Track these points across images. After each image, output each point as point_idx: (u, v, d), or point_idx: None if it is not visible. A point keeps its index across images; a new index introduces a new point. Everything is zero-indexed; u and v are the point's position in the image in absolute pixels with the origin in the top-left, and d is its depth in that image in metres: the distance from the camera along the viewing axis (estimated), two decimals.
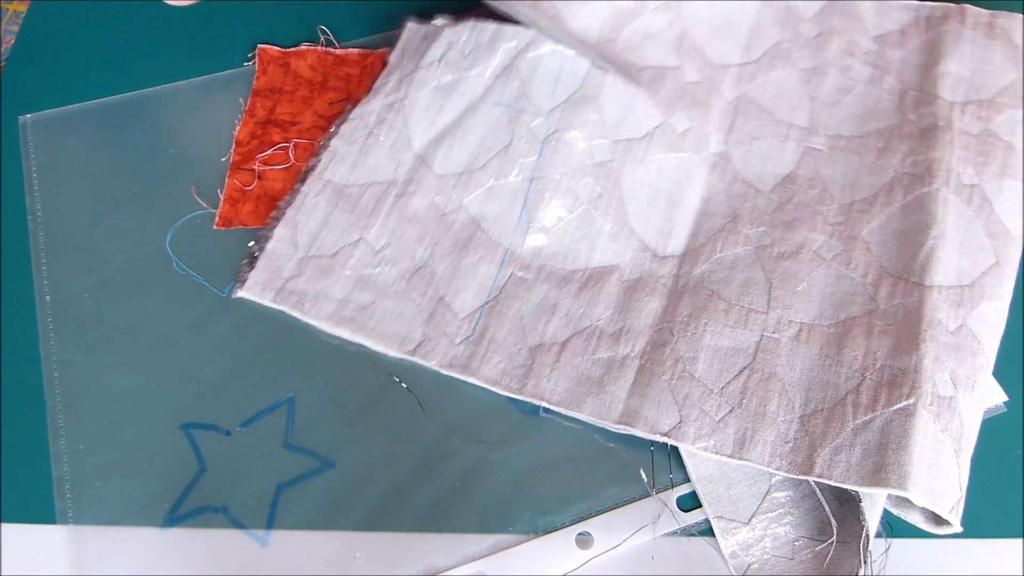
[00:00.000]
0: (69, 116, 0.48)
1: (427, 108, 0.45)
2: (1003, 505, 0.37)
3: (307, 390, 0.40)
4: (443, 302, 0.41)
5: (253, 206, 0.44)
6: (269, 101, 0.48)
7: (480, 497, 0.38)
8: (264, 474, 0.38)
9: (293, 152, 0.46)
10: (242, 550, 0.37)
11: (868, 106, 0.45)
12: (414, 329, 0.40)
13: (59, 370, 0.41)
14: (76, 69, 0.51)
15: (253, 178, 0.45)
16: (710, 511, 0.37)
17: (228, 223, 0.44)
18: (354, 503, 0.38)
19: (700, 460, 0.37)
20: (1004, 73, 0.44)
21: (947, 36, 0.46)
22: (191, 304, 0.42)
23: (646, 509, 0.37)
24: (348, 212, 0.43)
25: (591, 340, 0.39)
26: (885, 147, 0.43)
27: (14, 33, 0.52)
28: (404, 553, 0.37)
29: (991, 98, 0.43)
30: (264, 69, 0.49)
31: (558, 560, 0.36)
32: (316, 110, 0.48)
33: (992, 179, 0.41)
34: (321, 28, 0.50)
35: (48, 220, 0.45)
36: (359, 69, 0.49)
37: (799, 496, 0.37)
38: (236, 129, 0.47)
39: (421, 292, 0.41)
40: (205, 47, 0.51)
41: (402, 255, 0.42)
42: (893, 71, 0.45)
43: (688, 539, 0.37)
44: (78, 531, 0.37)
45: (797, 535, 0.36)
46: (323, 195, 0.43)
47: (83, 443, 0.39)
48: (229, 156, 0.46)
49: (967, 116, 0.43)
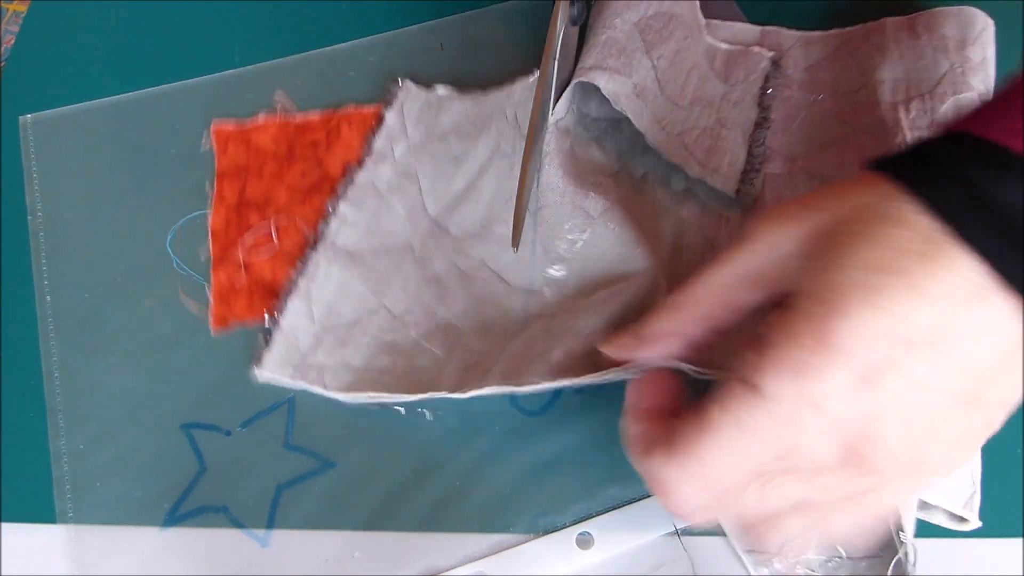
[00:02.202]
0: (69, 116, 0.48)
1: (441, 178, 0.44)
2: (1003, 505, 0.37)
3: (307, 390, 0.40)
4: (463, 346, 0.40)
5: (247, 300, 0.42)
6: (236, 183, 0.45)
7: (480, 497, 0.38)
8: (264, 474, 0.38)
9: (276, 234, 0.44)
10: (242, 550, 0.37)
11: (815, 127, 0.45)
12: (433, 374, 0.39)
13: (59, 370, 0.41)
14: (76, 69, 0.50)
15: (240, 270, 0.43)
16: (740, 547, 0.36)
17: (224, 322, 0.42)
18: (354, 503, 0.38)
19: None
20: (937, 64, 0.44)
21: (873, 50, 0.46)
22: (191, 304, 0.42)
23: (647, 509, 0.37)
24: (364, 279, 0.42)
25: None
26: (841, 160, 0.43)
27: (14, 33, 0.52)
28: (404, 553, 0.37)
29: (930, 90, 0.43)
30: (223, 149, 0.46)
31: (559, 560, 0.36)
32: (289, 184, 0.45)
33: None
34: (278, 94, 0.48)
35: (49, 220, 0.45)
36: (324, 134, 0.47)
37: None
38: (208, 219, 0.44)
39: (442, 343, 0.40)
40: (205, 47, 0.51)
41: (423, 318, 0.41)
42: (829, 92, 0.46)
43: (689, 539, 0.37)
44: (78, 531, 0.37)
45: (829, 555, 0.36)
46: (336, 262, 0.42)
47: (83, 443, 0.39)
48: (208, 250, 0.43)
49: (912, 113, 0.43)
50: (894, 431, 0.25)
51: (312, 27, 0.51)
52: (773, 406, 0.25)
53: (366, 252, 0.42)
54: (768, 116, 0.44)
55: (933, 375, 0.25)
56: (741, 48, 0.47)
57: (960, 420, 0.26)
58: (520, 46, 0.50)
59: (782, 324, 0.26)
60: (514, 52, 0.50)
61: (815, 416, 0.25)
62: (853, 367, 0.25)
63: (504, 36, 0.51)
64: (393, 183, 0.44)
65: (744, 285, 0.29)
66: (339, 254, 0.42)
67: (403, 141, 0.46)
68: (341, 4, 0.52)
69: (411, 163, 0.45)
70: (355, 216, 0.43)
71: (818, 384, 0.25)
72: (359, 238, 0.43)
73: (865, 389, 0.25)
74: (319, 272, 0.42)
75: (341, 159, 0.46)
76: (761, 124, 0.44)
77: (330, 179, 0.45)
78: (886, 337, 0.24)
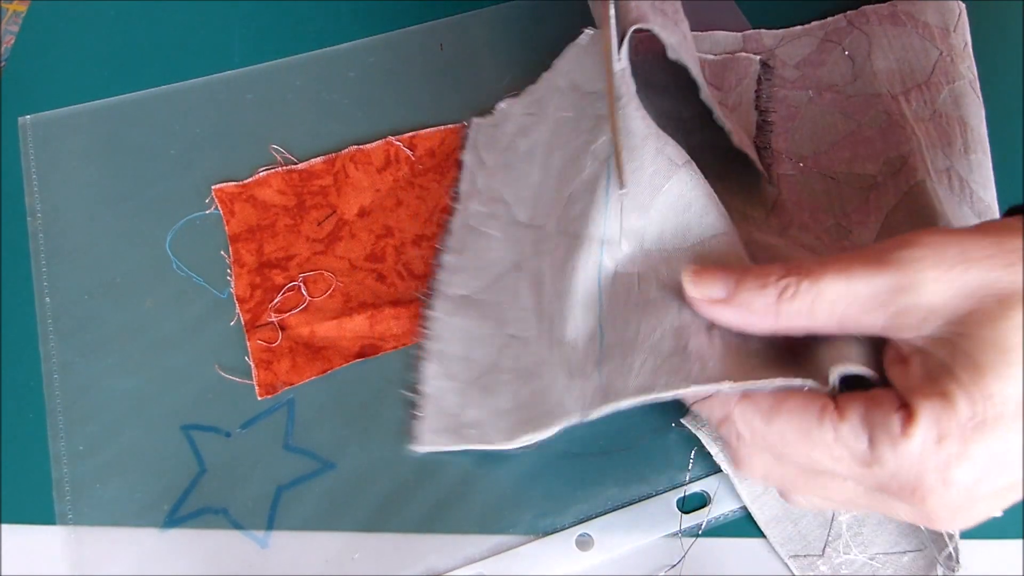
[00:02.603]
0: (68, 117, 0.48)
1: (520, 182, 0.43)
2: None
3: (307, 391, 0.40)
4: (558, 341, 0.36)
5: (290, 362, 0.41)
6: (252, 243, 0.44)
7: (480, 498, 0.38)
8: (264, 475, 0.38)
9: (305, 288, 0.43)
10: (242, 551, 0.37)
11: (817, 124, 0.45)
12: (559, 390, 0.35)
13: (59, 371, 0.41)
14: (76, 69, 0.50)
15: (276, 333, 0.42)
16: (783, 552, 0.36)
17: (272, 389, 0.40)
18: (354, 504, 0.38)
19: (764, 504, 0.37)
20: (927, 53, 0.44)
21: (860, 40, 0.46)
22: (191, 305, 0.42)
23: (647, 510, 0.37)
24: (485, 318, 0.40)
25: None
26: (852, 156, 0.43)
27: (14, 33, 0.52)
28: (404, 554, 0.37)
29: (926, 80, 0.44)
30: (230, 211, 0.45)
31: (558, 561, 0.36)
32: (307, 235, 0.44)
33: (960, 157, 0.41)
34: (274, 148, 0.47)
35: (48, 221, 0.45)
36: (331, 178, 0.45)
37: (863, 515, 0.36)
38: (231, 286, 0.43)
39: (548, 345, 0.37)
40: (205, 47, 0.51)
41: (535, 321, 0.39)
42: (825, 87, 0.46)
43: (689, 540, 0.37)
44: (78, 532, 0.37)
45: (871, 554, 0.36)
46: (456, 313, 0.41)
47: (83, 444, 0.39)
48: (237, 318, 0.42)
49: (913, 103, 0.43)
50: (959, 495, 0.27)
51: (311, 27, 0.51)
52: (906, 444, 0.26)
53: (479, 291, 0.41)
54: (767, 119, 0.44)
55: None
56: (728, 56, 0.47)
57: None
58: (520, 46, 0.50)
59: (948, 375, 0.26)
60: (514, 52, 0.50)
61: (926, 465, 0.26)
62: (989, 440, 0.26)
63: (504, 36, 0.51)
64: (483, 212, 0.43)
65: (875, 309, 0.28)
66: (455, 304, 0.41)
67: (482, 172, 0.45)
68: (341, 4, 0.52)
69: (494, 186, 0.44)
70: (459, 261, 0.42)
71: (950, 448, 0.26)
72: (468, 280, 0.42)
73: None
74: (443, 328, 0.40)
75: (355, 201, 0.45)
76: (762, 127, 0.44)
77: (347, 224, 0.44)
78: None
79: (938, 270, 0.27)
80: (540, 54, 0.47)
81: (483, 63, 0.50)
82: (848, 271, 0.28)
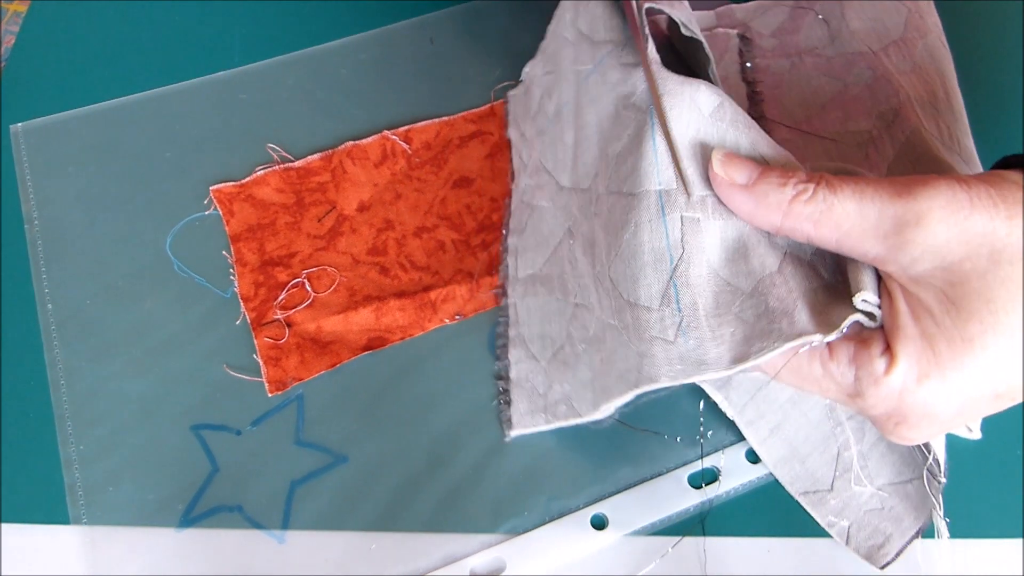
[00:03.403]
0: (61, 123, 0.47)
1: (555, 145, 0.42)
2: (1003, 505, 0.37)
3: (315, 386, 0.40)
4: (629, 304, 0.33)
5: (299, 357, 0.41)
6: (253, 242, 0.44)
7: (493, 484, 0.38)
8: (277, 471, 0.39)
9: (309, 284, 0.43)
10: (259, 548, 0.37)
11: (804, 89, 0.45)
12: (631, 355, 0.33)
13: (65, 377, 0.41)
14: (77, 69, 0.50)
15: (283, 330, 0.42)
16: (793, 490, 0.37)
17: (282, 385, 0.40)
18: (368, 496, 0.38)
19: (771, 446, 0.38)
20: (897, 10, 0.45)
21: (832, 4, 0.47)
22: (194, 306, 0.42)
23: (659, 487, 0.38)
24: (551, 291, 0.40)
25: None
26: (844, 115, 0.44)
27: (14, 33, 0.51)
28: (421, 543, 0.37)
29: (900, 36, 0.44)
30: (229, 211, 0.45)
31: (574, 542, 0.37)
32: (307, 232, 0.44)
33: (944, 107, 0.42)
34: (271, 146, 0.47)
35: (45, 228, 0.44)
36: (328, 174, 0.46)
37: (867, 448, 0.38)
38: (235, 286, 0.43)
39: (612, 310, 0.35)
40: (205, 47, 0.51)
41: (593, 287, 0.37)
42: (805, 51, 0.46)
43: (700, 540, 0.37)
44: (94, 533, 0.37)
45: (878, 485, 0.37)
46: (528, 294, 0.41)
47: (93, 448, 0.39)
48: (243, 316, 0.42)
49: (893, 58, 0.44)
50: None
51: (302, 26, 0.51)
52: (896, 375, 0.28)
53: (542, 266, 0.41)
54: (756, 89, 0.45)
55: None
56: (707, 32, 0.48)
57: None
58: (509, 38, 0.50)
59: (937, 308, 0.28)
60: (503, 44, 0.50)
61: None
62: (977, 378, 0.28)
63: (493, 28, 0.51)
64: (531, 185, 0.43)
65: (876, 236, 0.29)
66: (524, 285, 0.41)
67: (524, 145, 0.45)
68: (330, 3, 0.52)
69: (535, 156, 0.44)
70: (521, 242, 0.42)
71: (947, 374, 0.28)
72: (533, 258, 0.42)
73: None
74: (518, 311, 0.41)
75: (354, 196, 0.45)
76: (752, 98, 0.45)
77: (348, 219, 0.45)
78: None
79: (947, 211, 0.28)
80: (529, 45, 0.47)
81: (473, 56, 0.50)
82: (863, 192, 0.29)
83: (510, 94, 0.47)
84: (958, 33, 0.45)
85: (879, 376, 0.28)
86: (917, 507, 0.36)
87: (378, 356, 0.41)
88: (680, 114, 0.33)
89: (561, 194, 0.41)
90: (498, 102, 0.48)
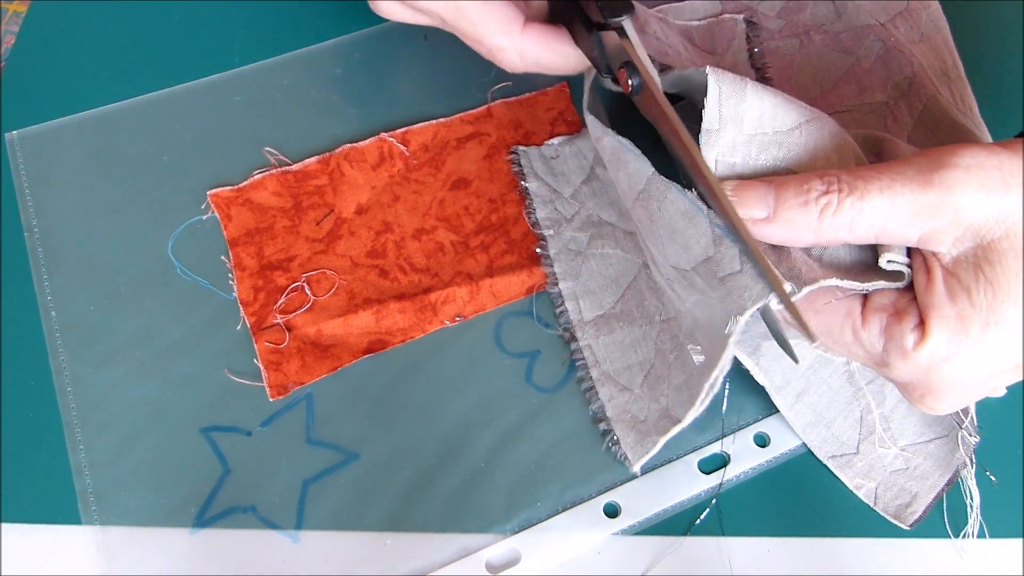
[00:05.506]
0: (57, 129, 0.47)
1: (613, 204, 0.43)
2: (1003, 505, 0.38)
3: (324, 384, 0.41)
4: (694, 270, 0.34)
5: (299, 362, 0.41)
6: (252, 246, 0.44)
7: (506, 476, 0.38)
8: (289, 471, 0.39)
9: (309, 288, 0.43)
10: (274, 548, 0.37)
11: (816, 66, 0.46)
12: (714, 309, 0.33)
13: (72, 384, 0.40)
14: (77, 69, 0.49)
15: (283, 334, 0.42)
16: (821, 454, 0.38)
17: (283, 390, 0.40)
18: (381, 493, 0.38)
19: (798, 411, 0.39)
20: None
21: None
22: (199, 309, 0.42)
23: (670, 474, 0.38)
24: (632, 324, 0.41)
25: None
26: (859, 88, 0.44)
27: (14, 33, 0.51)
28: (436, 537, 0.37)
29: (905, 7, 0.45)
30: (227, 215, 0.44)
31: (587, 532, 0.37)
32: (306, 235, 0.44)
33: (955, 75, 0.42)
34: (267, 150, 0.46)
35: (45, 235, 0.44)
36: (326, 177, 0.46)
37: (888, 411, 0.39)
38: (234, 290, 0.43)
39: (691, 290, 0.35)
40: (205, 47, 0.50)
41: (668, 289, 0.38)
42: (813, 28, 0.47)
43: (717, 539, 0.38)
44: (108, 534, 0.37)
45: (902, 445, 0.38)
46: (600, 334, 0.41)
47: (103, 454, 0.39)
48: (242, 322, 0.42)
49: (901, 29, 0.44)
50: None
51: (293, 27, 0.51)
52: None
53: (614, 304, 0.42)
54: (766, 74, 0.45)
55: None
56: (712, 20, 0.48)
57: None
58: None
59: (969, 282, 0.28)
60: None
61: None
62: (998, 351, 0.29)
63: None
64: (583, 238, 0.43)
65: (913, 225, 0.29)
66: (596, 326, 0.41)
67: (559, 200, 0.45)
68: (322, 3, 0.52)
69: (582, 212, 0.44)
70: (578, 287, 0.42)
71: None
72: (599, 300, 0.42)
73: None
74: (595, 351, 0.41)
75: (352, 199, 0.45)
76: (762, 83, 0.45)
77: (346, 222, 0.45)
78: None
79: (981, 193, 0.28)
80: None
81: (469, 55, 0.50)
82: (891, 189, 0.29)
83: (521, 149, 0.47)
84: (958, 33, 0.45)
85: (907, 350, 0.29)
86: (941, 465, 0.37)
87: (379, 359, 0.41)
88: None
89: (629, 239, 0.42)
90: (495, 103, 0.48)
